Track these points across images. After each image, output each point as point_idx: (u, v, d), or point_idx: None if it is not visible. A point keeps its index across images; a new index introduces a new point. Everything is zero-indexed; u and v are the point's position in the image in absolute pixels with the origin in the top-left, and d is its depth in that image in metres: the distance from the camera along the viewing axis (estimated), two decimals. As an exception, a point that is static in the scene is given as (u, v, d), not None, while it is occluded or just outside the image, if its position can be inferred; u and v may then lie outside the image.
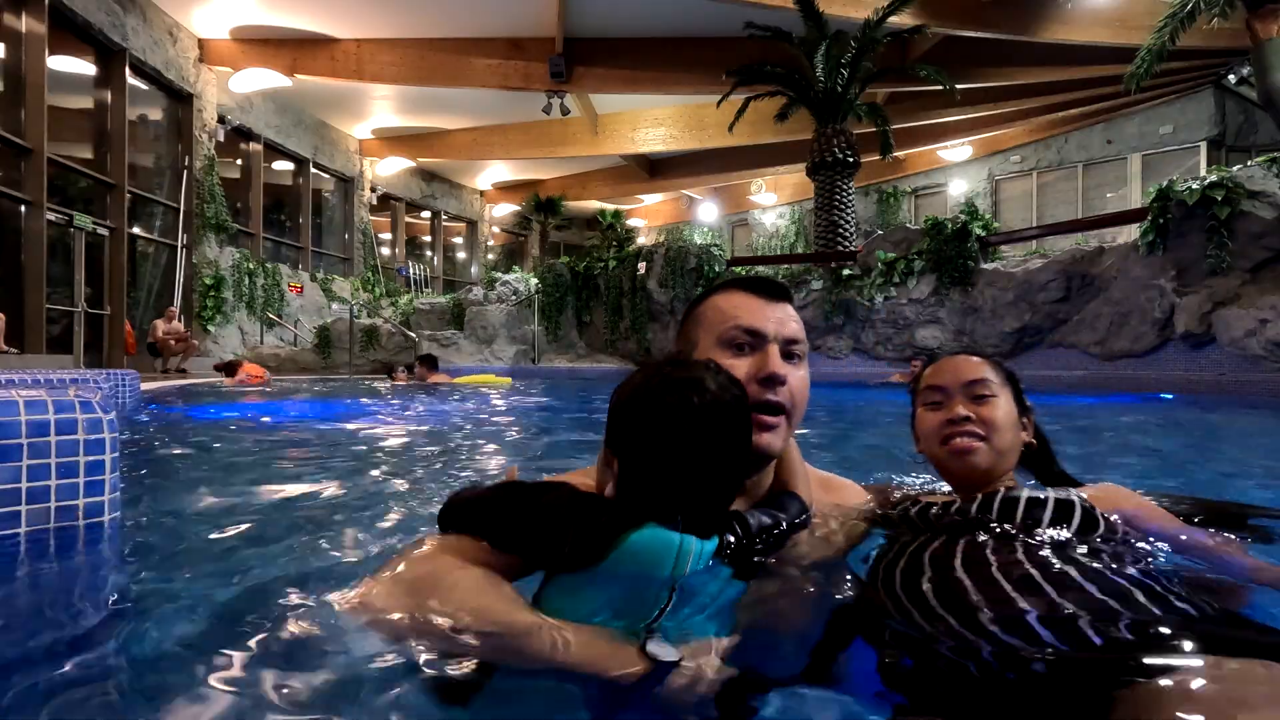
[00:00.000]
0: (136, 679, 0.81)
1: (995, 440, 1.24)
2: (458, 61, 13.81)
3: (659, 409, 0.92)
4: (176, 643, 0.89)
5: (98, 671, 0.82)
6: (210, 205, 13.89)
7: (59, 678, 0.80)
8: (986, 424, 1.24)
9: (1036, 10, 11.73)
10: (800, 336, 1.19)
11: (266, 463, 2.84)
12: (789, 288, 1.26)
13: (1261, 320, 6.85)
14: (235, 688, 0.78)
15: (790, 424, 1.16)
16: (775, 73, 12.00)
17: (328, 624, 0.93)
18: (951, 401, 1.27)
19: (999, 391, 1.28)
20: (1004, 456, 1.25)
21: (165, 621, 0.97)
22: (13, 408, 1.39)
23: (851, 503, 1.38)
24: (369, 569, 1.19)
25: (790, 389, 1.14)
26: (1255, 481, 2.40)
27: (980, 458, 1.23)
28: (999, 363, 1.35)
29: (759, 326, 1.15)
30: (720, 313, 1.19)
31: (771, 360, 1.12)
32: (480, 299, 13.54)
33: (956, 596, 0.89)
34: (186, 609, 1.01)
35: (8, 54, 10.04)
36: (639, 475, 0.92)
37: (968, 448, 1.23)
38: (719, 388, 0.95)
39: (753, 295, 1.19)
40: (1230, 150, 14.42)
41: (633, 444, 0.93)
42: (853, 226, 12.17)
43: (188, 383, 8.64)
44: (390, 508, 1.75)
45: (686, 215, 25.21)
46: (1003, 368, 1.34)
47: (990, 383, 1.28)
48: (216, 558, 1.26)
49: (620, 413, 0.95)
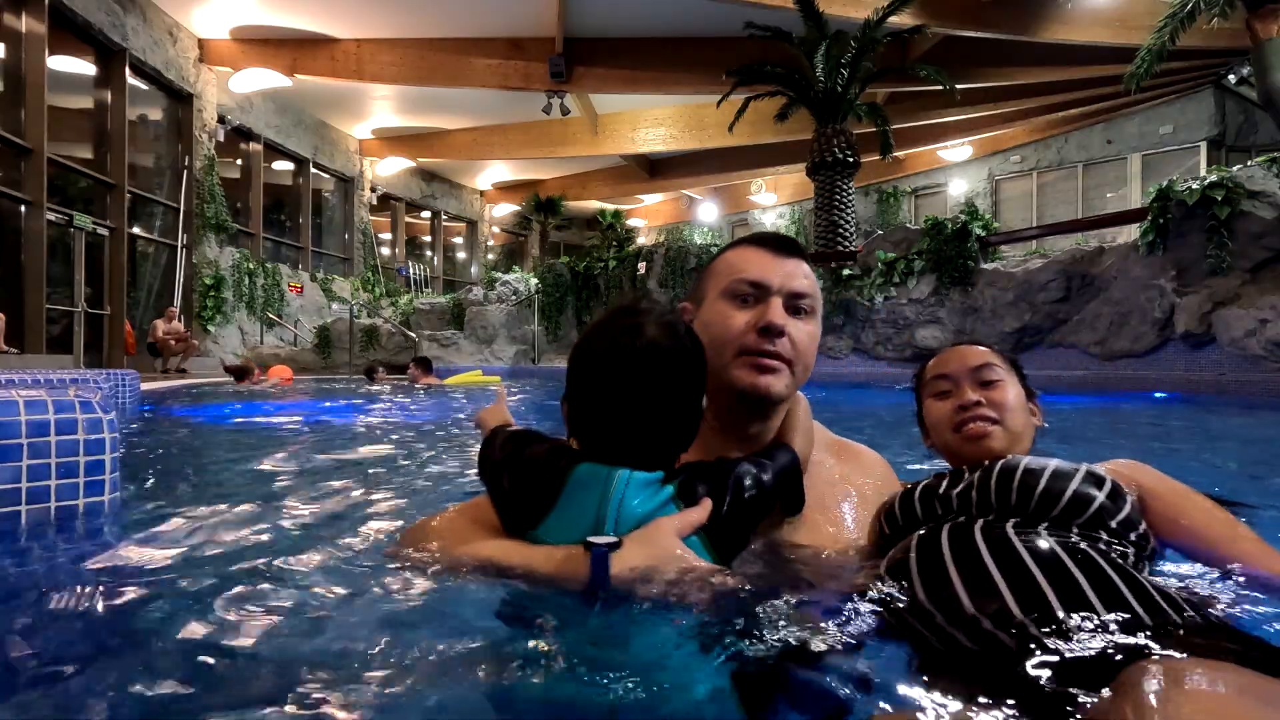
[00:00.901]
0: (136, 678, 0.81)
1: (1008, 422, 1.22)
2: (458, 61, 13.81)
3: (594, 353, 0.97)
4: (177, 643, 0.89)
5: (97, 671, 0.82)
6: (210, 205, 13.89)
7: (59, 678, 0.80)
8: (998, 407, 1.23)
9: (1036, 10, 11.73)
10: (809, 291, 1.18)
11: (267, 462, 2.84)
12: (802, 245, 1.24)
13: (1261, 320, 6.84)
14: (235, 688, 0.78)
15: (794, 374, 1.15)
16: (775, 73, 11.99)
17: (328, 623, 0.93)
18: (960, 388, 1.26)
19: (1006, 376, 1.27)
20: (1018, 439, 1.23)
21: (166, 621, 0.97)
22: (13, 407, 1.38)
23: (866, 469, 1.33)
24: (373, 569, 1.19)
25: (793, 341, 1.13)
26: (1250, 478, 2.40)
27: (995, 441, 1.20)
28: (1001, 350, 1.35)
29: (763, 279, 1.15)
30: (729, 265, 1.20)
31: (771, 311, 1.12)
32: (480, 299, 13.54)
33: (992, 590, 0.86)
34: (187, 609, 1.01)
35: (8, 54, 10.04)
36: (580, 416, 0.99)
37: (982, 432, 1.21)
38: (660, 333, 0.97)
39: (762, 250, 1.20)
40: (1230, 150, 14.42)
41: (575, 386, 0.99)
42: (853, 226, 12.16)
43: (188, 383, 8.64)
44: (389, 505, 1.76)
45: (686, 215, 25.21)
46: (1006, 355, 1.33)
47: (996, 367, 1.27)
48: (217, 558, 1.26)
49: (571, 357, 1.02)
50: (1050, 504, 1.00)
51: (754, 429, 1.20)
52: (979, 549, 0.90)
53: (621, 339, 0.96)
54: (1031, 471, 1.05)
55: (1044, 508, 1.00)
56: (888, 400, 6.34)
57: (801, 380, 1.18)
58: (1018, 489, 1.03)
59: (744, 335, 1.13)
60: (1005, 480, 1.05)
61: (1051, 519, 0.98)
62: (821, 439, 1.29)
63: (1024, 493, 1.02)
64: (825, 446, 1.29)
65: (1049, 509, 1.00)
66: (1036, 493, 1.01)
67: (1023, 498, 1.02)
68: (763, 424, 1.19)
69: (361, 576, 1.15)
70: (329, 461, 2.81)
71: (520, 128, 17.69)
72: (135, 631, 0.94)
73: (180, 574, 1.18)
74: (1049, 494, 1.01)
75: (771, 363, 1.12)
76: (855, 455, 1.35)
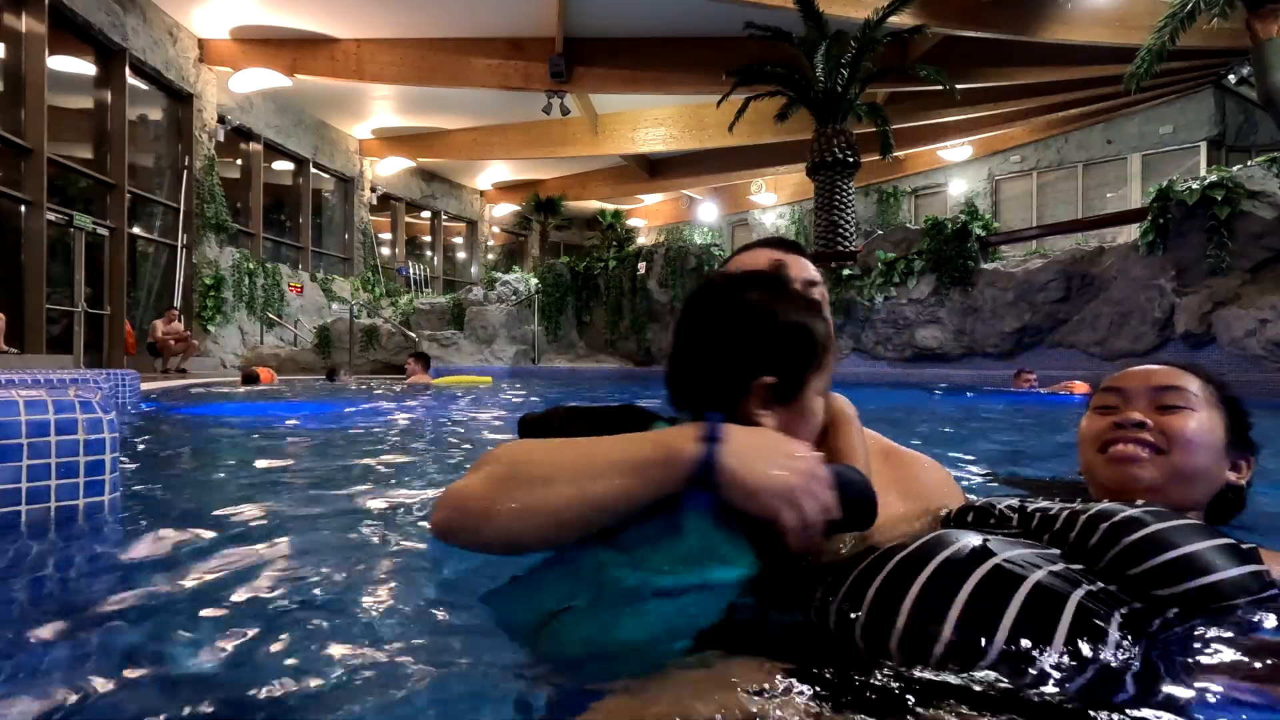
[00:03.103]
0: (136, 678, 0.81)
1: (1176, 457, 0.97)
2: (458, 61, 13.81)
3: (684, 308, 0.99)
4: (177, 642, 0.89)
5: (97, 671, 0.82)
6: (210, 205, 13.89)
7: (58, 678, 0.80)
8: (1168, 435, 0.99)
9: (1036, 10, 11.73)
10: (815, 278, 1.18)
11: (266, 462, 2.84)
12: (801, 245, 1.26)
13: (1261, 320, 6.85)
14: (235, 688, 0.78)
15: None
16: (775, 73, 11.99)
17: (329, 623, 0.93)
18: (1129, 406, 1.04)
19: (1200, 407, 1.02)
20: (1184, 484, 0.97)
21: (166, 621, 0.97)
22: (13, 408, 1.39)
23: (916, 477, 1.21)
24: (373, 570, 1.19)
25: None
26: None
27: (1145, 471, 0.97)
28: (1219, 381, 1.08)
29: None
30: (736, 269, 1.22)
31: None
32: (480, 299, 13.54)
33: None
34: (187, 609, 1.01)
35: (8, 54, 10.04)
36: (670, 369, 0.99)
37: (1131, 456, 0.98)
38: (746, 289, 0.96)
39: (765, 249, 1.22)
40: (1230, 150, 14.42)
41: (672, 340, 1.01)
42: (853, 226, 12.17)
43: (188, 383, 8.64)
44: (391, 504, 1.76)
45: (686, 215, 25.21)
46: (1221, 387, 1.07)
47: (1188, 394, 1.02)
48: (217, 558, 1.26)
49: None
50: (1164, 579, 0.74)
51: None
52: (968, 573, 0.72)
53: (708, 295, 0.98)
54: (1154, 534, 0.76)
55: (1151, 580, 0.74)
56: (887, 400, 6.34)
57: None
58: (1106, 536, 0.77)
59: None
60: (1098, 526, 0.79)
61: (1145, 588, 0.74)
62: (872, 445, 1.22)
63: (1126, 551, 0.76)
64: (876, 454, 1.21)
65: (1156, 584, 0.74)
66: (1152, 562, 0.74)
67: (1116, 553, 0.76)
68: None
69: (366, 573, 1.15)
70: (329, 461, 2.81)
71: (520, 128, 17.70)
72: (135, 631, 0.94)
73: (180, 574, 1.18)
74: (1175, 566, 0.74)
75: None
76: (907, 464, 1.26)
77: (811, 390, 0.95)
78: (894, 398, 6.94)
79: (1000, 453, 3.18)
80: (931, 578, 0.72)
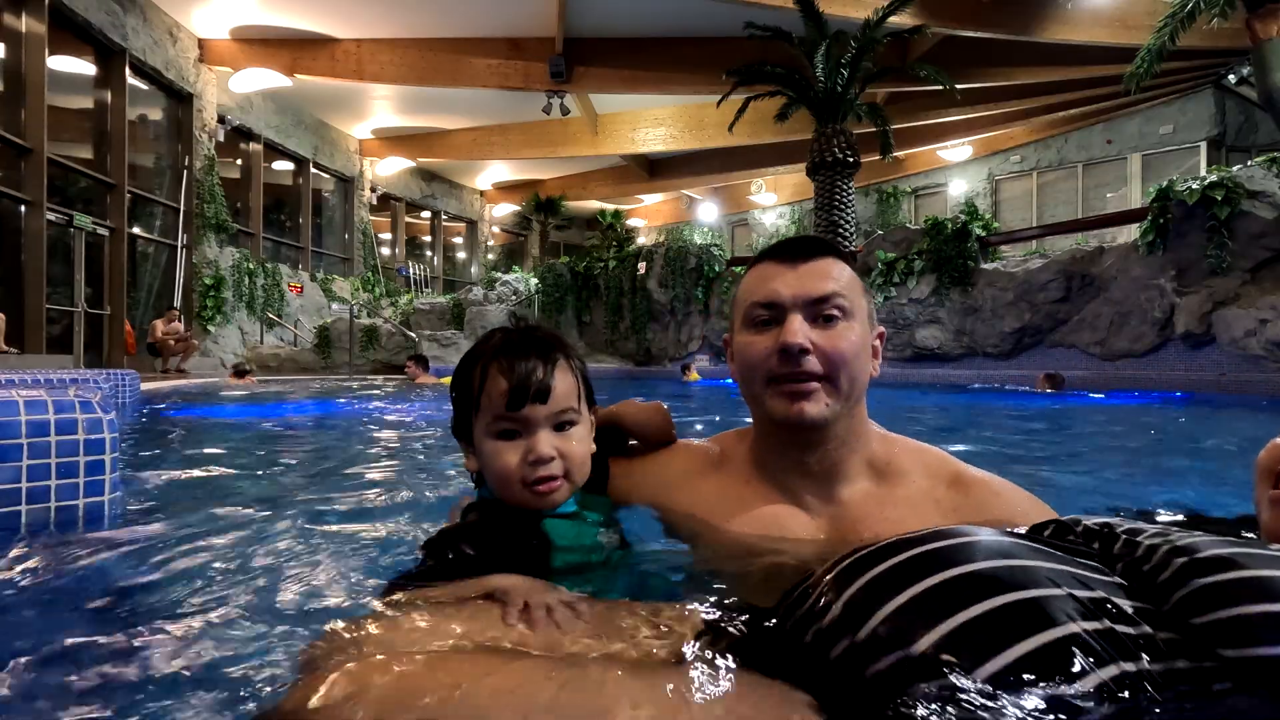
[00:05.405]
0: (136, 678, 0.81)
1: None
2: (457, 61, 13.81)
3: None
4: (177, 643, 0.89)
5: (97, 671, 0.82)
6: (210, 205, 13.89)
7: (58, 676, 0.80)
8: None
9: (1036, 10, 11.73)
10: (828, 291, 1.07)
11: (267, 462, 2.84)
12: (823, 240, 1.14)
13: (1261, 320, 6.85)
14: (235, 687, 0.78)
15: (837, 389, 1.06)
16: (775, 73, 11.99)
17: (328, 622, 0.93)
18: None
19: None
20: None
21: (166, 621, 0.97)
22: (13, 408, 1.39)
23: (990, 505, 1.09)
24: (373, 570, 1.19)
25: (823, 353, 1.04)
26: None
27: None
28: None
29: (773, 297, 1.08)
30: (745, 290, 1.15)
31: (786, 332, 1.05)
32: (480, 299, 13.54)
33: None
34: (187, 609, 1.01)
35: (8, 54, 10.04)
36: None
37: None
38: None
39: (773, 263, 1.12)
40: (1230, 150, 14.42)
41: None
42: (853, 226, 12.16)
43: (188, 383, 8.64)
44: (391, 503, 1.75)
45: (686, 215, 25.21)
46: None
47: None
48: (218, 558, 1.26)
49: None
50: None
51: (810, 460, 1.10)
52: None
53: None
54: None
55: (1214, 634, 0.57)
56: (887, 400, 6.34)
57: (851, 393, 1.07)
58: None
59: (767, 361, 1.07)
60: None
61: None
62: (940, 471, 1.15)
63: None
64: (942, 479, 1.14)
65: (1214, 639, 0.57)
66: (1221, 614, 0.57)
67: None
68: (818, 453, 1.10)
69: (366, 573, 1.15)
70: (329, 460, 2.81)
71: (520, 128, 17.69)
72: (135, 632, 0.94)
73: (181, 574, 1.18)
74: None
75: (801, 386, 1.04)
76: (970, 485, 1.13)
77: (478, 430, 1.06)
78: (894, 398, 6.92)
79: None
80: (888, 570, 0.64)
